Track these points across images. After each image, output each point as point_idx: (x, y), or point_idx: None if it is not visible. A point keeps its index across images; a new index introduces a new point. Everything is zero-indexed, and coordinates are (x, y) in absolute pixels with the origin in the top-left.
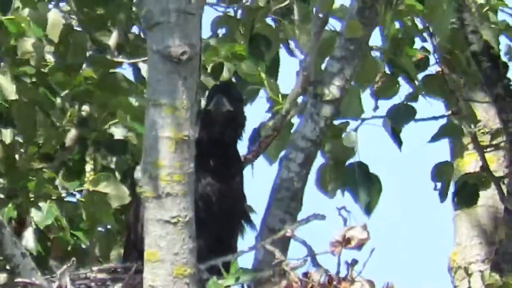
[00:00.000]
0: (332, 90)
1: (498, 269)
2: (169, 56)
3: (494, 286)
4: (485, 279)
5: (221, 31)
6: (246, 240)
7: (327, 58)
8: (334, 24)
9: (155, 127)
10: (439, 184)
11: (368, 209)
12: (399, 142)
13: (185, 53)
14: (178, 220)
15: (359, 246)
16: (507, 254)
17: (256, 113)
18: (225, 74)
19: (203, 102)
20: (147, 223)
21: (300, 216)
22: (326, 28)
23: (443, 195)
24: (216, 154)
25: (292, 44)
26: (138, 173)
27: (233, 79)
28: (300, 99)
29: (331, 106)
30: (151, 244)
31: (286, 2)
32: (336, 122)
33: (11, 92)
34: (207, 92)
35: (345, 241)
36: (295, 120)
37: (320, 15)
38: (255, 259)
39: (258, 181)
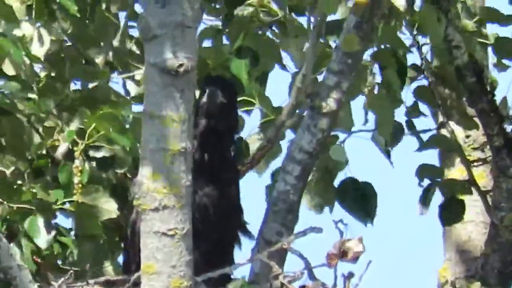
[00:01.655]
0: (329, 103)
1: (485, 284)
2: (166, 69)
3: None
4: None
5: (207, 43)
6: (243, 252)
7: (323, 71)
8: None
9: (152, 139)
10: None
11: (368, 221)
12: (389, 158)
13: (182, 65)
14: (175, 232)
15: (355, 258)
16: (493, 269)
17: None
18: None
19: None
20: (144, 236)
21: (297, 228)
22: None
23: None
24: (211, 152)
25: (285, 57)
26: (135, 185)
27: None
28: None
29: (328, 118)
30: (148, 257)
31: (280, 16)
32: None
33: None
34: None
35: (341, 254)
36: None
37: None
38: (252, 272)
39: (255, 194)
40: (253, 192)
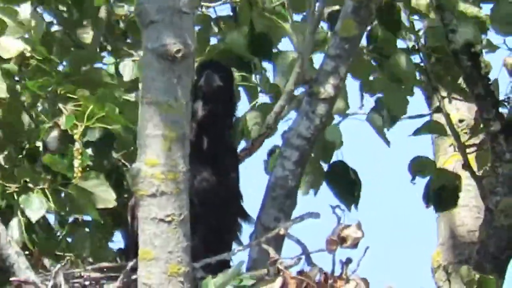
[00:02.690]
0: (327, 89)
1: (481, 269)
2: (164, 54)
3: (473, 282)
4: (464, 276)
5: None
6: (243, 237)
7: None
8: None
9: (149, 125)
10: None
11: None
12: (385, 139)
13: (179, 51)
14: (173, 218)
15: (354, 244)
16: (488, 254)
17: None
18: None
19: None
20: (141, 222)
21: (295, 214)
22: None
23: (428, 200)
24: (209, 136)
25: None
26: (133, 171)
27: None
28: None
29: (326, 104)
30: (145, 242)
31: (282, 1)
32: None
33: (1, 90)
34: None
35: (341, 240)
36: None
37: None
38: (250, 258)
39: (254, 179)
40: (251, 178)
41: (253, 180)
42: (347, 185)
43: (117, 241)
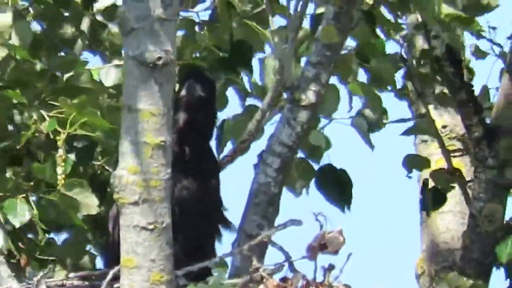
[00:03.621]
0: (309, 95)
1: (464, 275)
2: (144, 61)
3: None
4: (452, 283)
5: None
6: (223, 245)
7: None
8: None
9: (131, 132)
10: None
11: (345, 208)
12: (370, 143)
13: (160, 58)
14: (155, 226)
15: (336, 251)
16: (472, 260)
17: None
18: None
19: None
20: (123, 230)
21: (277, 221)
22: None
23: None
24: (190, 145)
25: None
26: (114, 179)
27: None
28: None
29: (308, 111)
30: (127, 251)
31: (262, 7)
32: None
33: None
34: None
35: (322, 246)
36: None
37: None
38: (232, 265)
39: (235, 186)
40: (233, 185)
41: (235, 187)
42: (338, 188)
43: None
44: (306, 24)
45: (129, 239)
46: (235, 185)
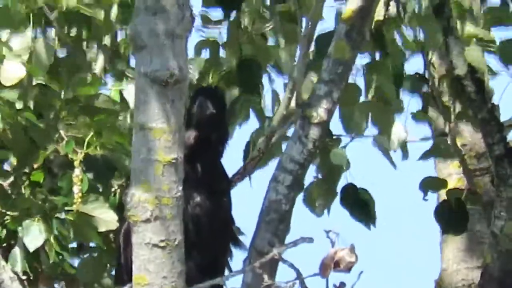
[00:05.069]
0: (320, 113)
1: None
2: (156, 79)
3: None
4: None
5: (205, 54)
6: (234, 263)
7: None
8: None
9: (142, 150)
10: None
11: (371, 225)
12: (392, 162)
13: (172, 76)
14: (167, 244)
15: (348, 268)
16: (493, 279)
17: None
18: None
19: None
20: (135, 247)
21: (288, 238)
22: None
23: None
24: (202, 162)
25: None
26: (126, 197)
27: None
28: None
29: (319, 128)
30: (139, 268)
31: (271, 24)
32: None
33: None
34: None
35: (334, 264)
36: None
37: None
38: (243, 283)
39: (247, 204)
40: (244, 202)
41: (246, 205)
42: (361, 207)
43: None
44: None
45: (141, 256)
46: (247, 202)
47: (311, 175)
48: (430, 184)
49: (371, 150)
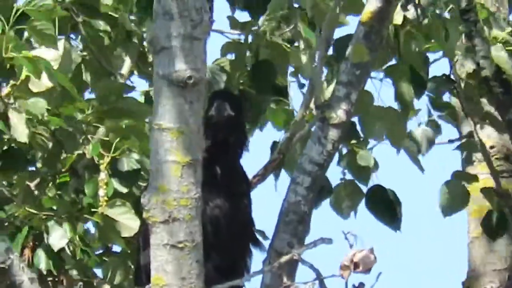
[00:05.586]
0: (339, 114)
1: None
2: (175, 80)
3: None
4: None
5: (230, 57)
6: (253, 264)
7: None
8: None
9: (161, 151)
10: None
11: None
12: (420, 165)
13: (191, 78)
14: (185, 245)
15: (367, 270)
16: None
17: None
18: None
19: None
20: (153, 248)
21: (308, 239)
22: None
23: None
24: (221, 164)
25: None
26: (145, 198)
27: None
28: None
29: (338, 129)
30: (158, 269)
31: (291, 27)
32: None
33: (22, 134)
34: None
35: (354, 265)
36: None
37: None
38: (263, 283)
39: (267, 205)
40: (264, 204)
41: (266, 206)
42: (387, 209)
43: None
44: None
45: (159, 257)
46: (266, 203)
47: (335, 178)
48: (460, 178)
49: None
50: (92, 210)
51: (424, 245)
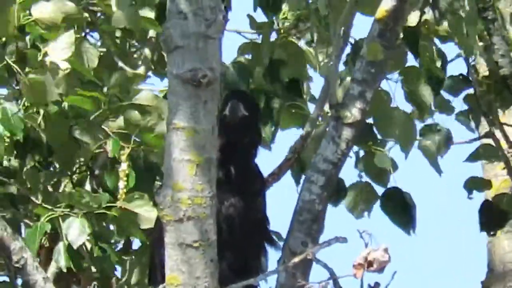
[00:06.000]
0: (354, 113)
1: None
2: (189, 79)
3: None
4: None
5: (248, 57)
6: (269, 263)
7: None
8: None
9: (175, 150)
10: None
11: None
12: (437, 168)
13: (205, 76)
14: (200, 244)
15: (381, 269)
16: None
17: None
18: None
19: None
20: (168, 247)
21: (322, 238)
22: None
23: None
24: (235, 164)
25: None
26: (159, 196)
27: None
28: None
29: (352, 128)
30: (172, 268)
31: (307, 25)
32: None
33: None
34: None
35: (367, 264)
36: None
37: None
38: (277, 283)
39: (281, 204)
40: (279, 203)
41: (280, 205)
42: (403, 212)
43: None
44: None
45: (174, 256)
46: (281, 202)
47: (350, 178)
48: (474, 184)
49: (414, 152)
50: (110, 205)
51: (442, 245)
